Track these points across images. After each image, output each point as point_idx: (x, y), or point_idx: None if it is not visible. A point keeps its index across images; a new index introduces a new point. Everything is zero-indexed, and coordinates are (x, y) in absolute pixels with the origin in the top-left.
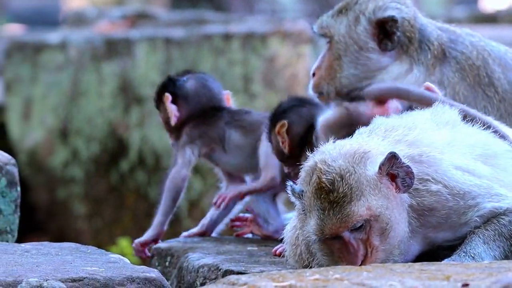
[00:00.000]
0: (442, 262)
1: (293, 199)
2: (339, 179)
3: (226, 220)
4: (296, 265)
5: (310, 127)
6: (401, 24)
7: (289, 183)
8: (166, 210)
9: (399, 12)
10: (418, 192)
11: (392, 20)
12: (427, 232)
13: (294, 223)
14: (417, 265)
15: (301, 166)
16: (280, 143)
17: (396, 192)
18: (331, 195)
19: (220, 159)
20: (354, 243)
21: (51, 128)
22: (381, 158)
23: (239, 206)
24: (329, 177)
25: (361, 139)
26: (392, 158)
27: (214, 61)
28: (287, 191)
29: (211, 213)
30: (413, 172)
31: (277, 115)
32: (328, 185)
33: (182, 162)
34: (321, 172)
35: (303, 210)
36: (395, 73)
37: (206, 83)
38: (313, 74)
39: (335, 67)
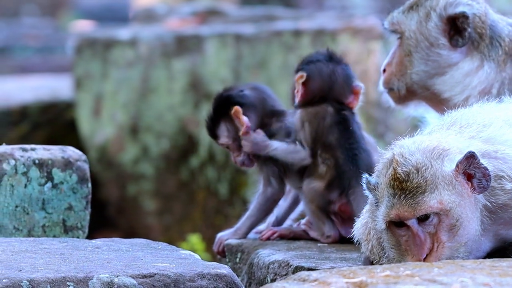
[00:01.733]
0: None
1: (367, 191)
2: (414, 171)
3: (293, 216)
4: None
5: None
6: (472, 20)
7: (365, 175)
8: (253, 224)
9: (470, 8)
10: (492, 190)
11: (463, 16)
12: (499, 229)
13: (365, 219)
14: (488, 262)
15: None
16: (296, 90)
17: (471, 192)
18: (404, 184)
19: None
20: (422, 235)
21: (121, 125)
22: (459, 156)
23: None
24: (404, 169)
25: (439, 135)
26: (471, 157)
27: (284, 57)
28: (362, 183)
29: (277, 210)
30: (490, 175)
31: (302, 64)
32: (403, 176)
33: (276, 183)
34: (397, 164)
35: (376, 203)
36: (465, 69)
37: (263, 89)
38: (384, 70)
39: (406, 63)
